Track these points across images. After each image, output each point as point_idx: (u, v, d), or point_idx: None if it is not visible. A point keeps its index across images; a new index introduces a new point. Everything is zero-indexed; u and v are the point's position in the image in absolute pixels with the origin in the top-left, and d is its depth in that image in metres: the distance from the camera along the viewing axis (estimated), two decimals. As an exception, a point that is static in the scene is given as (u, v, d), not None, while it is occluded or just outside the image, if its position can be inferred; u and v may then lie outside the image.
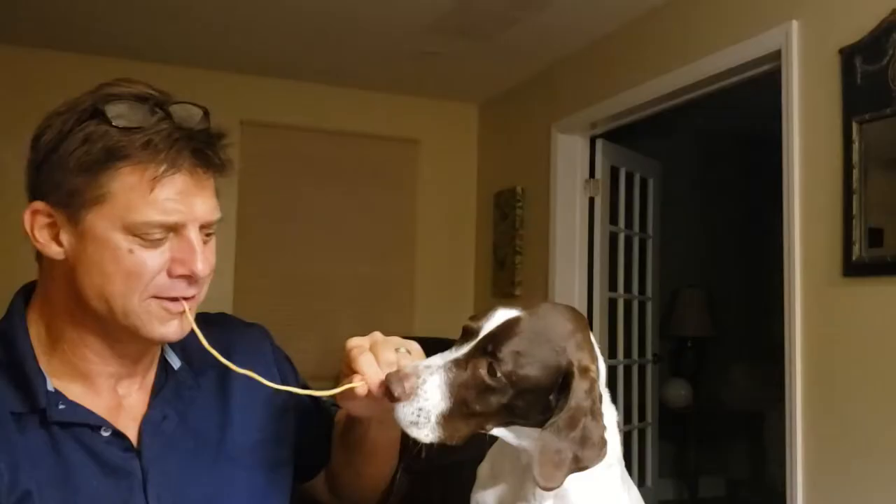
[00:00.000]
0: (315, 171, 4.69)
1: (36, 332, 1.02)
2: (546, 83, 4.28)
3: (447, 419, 0.92)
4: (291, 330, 4.11)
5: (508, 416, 0.95)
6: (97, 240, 0.95)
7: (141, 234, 0.94)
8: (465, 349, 0.94)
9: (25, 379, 0.98)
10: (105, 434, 1.01)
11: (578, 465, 0.92)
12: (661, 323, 4.89)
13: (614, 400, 1.06)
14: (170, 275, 0.97)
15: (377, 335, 1.01)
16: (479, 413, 0.93)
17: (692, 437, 5.33)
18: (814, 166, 2.62)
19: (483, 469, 1.10)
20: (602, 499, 1.01)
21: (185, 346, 1.08)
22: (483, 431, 0.96)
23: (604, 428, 0.93)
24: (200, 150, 0.97)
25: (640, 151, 4.43)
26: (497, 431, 0.97)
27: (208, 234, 1.01)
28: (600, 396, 0.95)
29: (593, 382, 0.94)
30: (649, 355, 4.54)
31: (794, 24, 2.70)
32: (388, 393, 0.91)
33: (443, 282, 4.87)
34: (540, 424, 0.95)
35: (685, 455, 5.34)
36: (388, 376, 0.92)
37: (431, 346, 1.03)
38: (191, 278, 0.98)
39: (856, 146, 2.42)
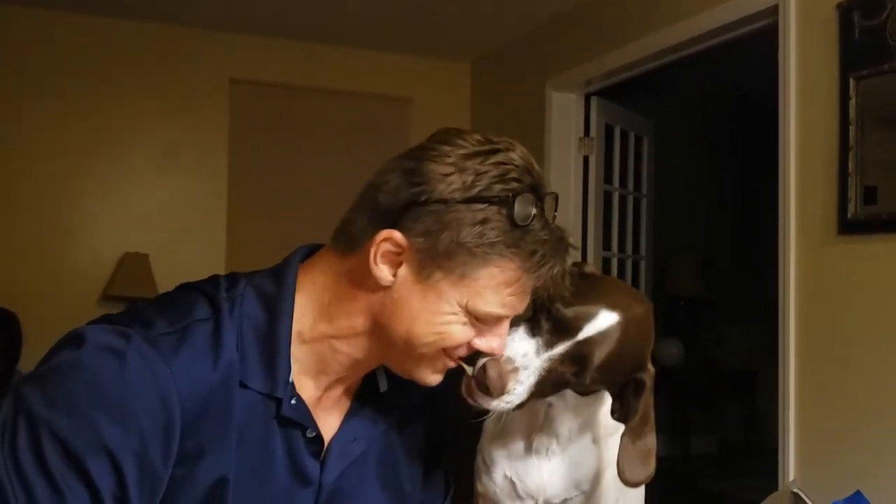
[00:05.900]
0: (306, 131, 4.63)
1: (301, 310, 1.00)
2: (540, 40, 4.22)
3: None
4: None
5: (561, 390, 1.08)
6: (438, 298, 0.97)
7: (477, 317, 0.98)
8: (560, 349, 1.02)
9: (273, 360, 0.96)
10: (309, 435, 1.01)
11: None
12: (654, 282, 4.89)
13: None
14: (469, 346, 1.01)
15: None
16: (545, 393, 1.05)
17: (684, 396, 5.37)
18: (810, 123, 2.59)
19: (490, 423, 1.15)
20: None
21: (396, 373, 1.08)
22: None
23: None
24: (560, 266, 1.01)
25: (635, 111, 4.40)
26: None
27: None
28: None
29: (653, 380, 1.08)
30: (642, 314, 4.55)
31: (792, -23, 2.65)
32: (482, 386, 0.99)
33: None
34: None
35: (677, 413, 5.38)
36: (488, 369, 1.00)
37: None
38: (482, 354, 1.03)
39: (852, 103, 2.39)
